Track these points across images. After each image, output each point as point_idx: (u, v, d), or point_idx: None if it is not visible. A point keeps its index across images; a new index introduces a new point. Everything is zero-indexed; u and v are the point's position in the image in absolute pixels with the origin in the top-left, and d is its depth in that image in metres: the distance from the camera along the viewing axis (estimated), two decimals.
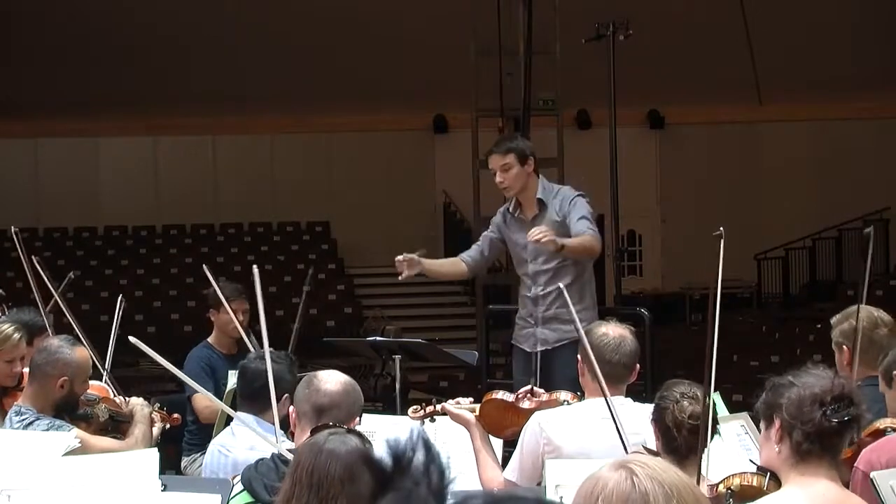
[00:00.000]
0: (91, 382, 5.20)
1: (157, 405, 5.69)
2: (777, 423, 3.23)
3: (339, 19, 16.25)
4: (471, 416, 4.80)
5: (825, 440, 3.19)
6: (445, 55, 14.76)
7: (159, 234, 20.54)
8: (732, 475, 3.69)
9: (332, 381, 4.16)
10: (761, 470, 3.69)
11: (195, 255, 19.65)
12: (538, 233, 6.22)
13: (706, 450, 3.95)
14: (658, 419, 4.01)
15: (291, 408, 4.27)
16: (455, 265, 7.03)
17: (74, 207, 20.23)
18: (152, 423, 5.26)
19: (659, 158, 21.03)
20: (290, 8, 16.19)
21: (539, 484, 4.31)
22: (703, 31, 16.61)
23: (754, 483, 3.62)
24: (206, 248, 19.93)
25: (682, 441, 3.90)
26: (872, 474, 3.76)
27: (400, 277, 6.62)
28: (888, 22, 16.53)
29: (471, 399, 4.95)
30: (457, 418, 4.81)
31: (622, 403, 4.56)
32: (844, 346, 4.92)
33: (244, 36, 16.54)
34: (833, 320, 5.08)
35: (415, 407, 4.96)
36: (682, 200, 20.71)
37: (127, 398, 5.40)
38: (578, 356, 4.84)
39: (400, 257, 6.59)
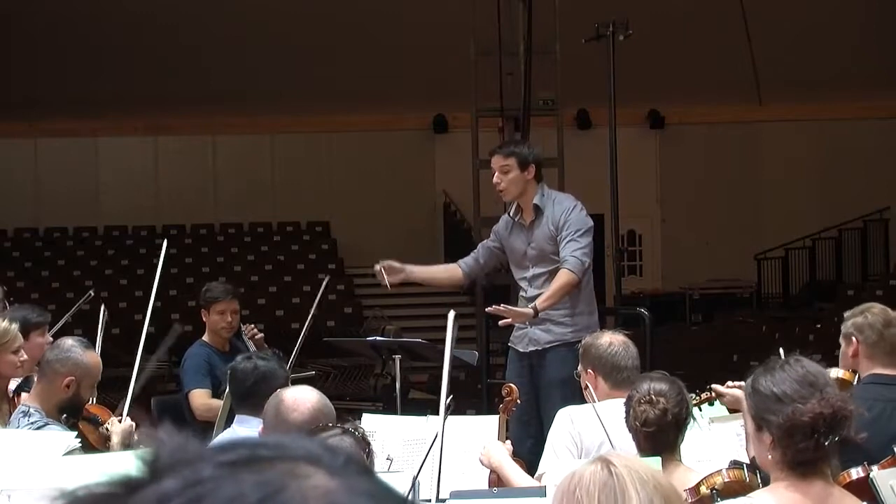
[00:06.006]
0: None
1: None
2: (768, 437, 3.17)
3: (339, 19, 16.26)
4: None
5: (820, 457, 3.14)
6: (445, 55, 14.76)
7: (159, 234, 20.52)
8: (711, 474, 3.70)
9: (299, 409, 4.00)
10: (737, 463, 3.70)
11: (195, 255, 19.65)
12: (506, 319, 6.43)
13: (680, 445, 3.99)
14: (626, 420, 4.05)
15: (260, 426, 4.20)
16: (450, 271, 7.12)
17: (74, 207, 20.22)
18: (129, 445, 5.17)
19: (659, 158, 21.02)
20: (290, 8, 16.20)
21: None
22: (703, 31, 16.62)
23: (736, 477, 3.62)
24: (206, 248, 19.93)
25: (645, 445, 3.92)
26: (872, 474, 3.76)
27: (387, 285, 6.66)
28: (888, 22, 16.54)
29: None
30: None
31: None
32: (854, 338, 4.88)
33: (244, 36, 16.55)
34: (847, 313, 5.06)
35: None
36: (682, 200, 20.70)
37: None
38: (584, 367, 4.90)
39: (378, 266, 6.67)
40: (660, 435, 3.94)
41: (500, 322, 6.52)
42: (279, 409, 4.04)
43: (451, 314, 4.15)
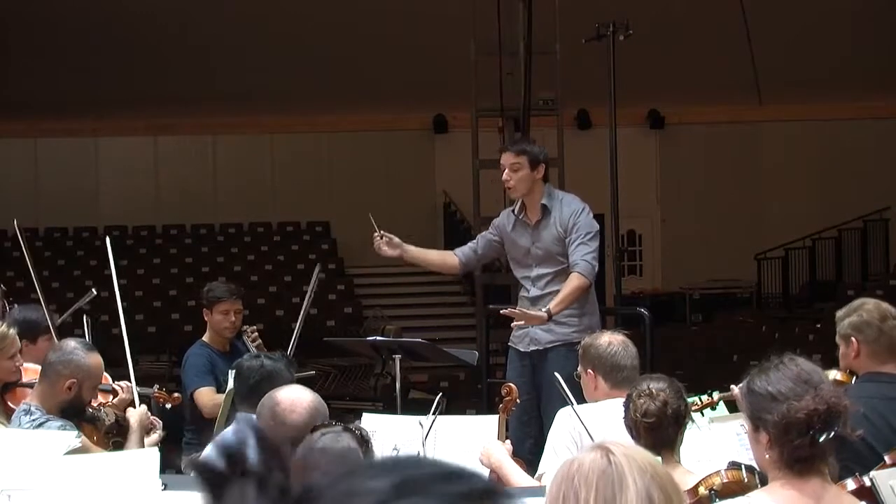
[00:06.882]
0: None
1: (157, 387, 5.74)
2: (765, 436, 3.20)
3: (339, 20, 16.25)
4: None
5: (816, 455, 3.15)
6: (445, 55, 14.76)
7: (159, 234, 20.53)
8: (709, 475, 3.71)
9: (297, 410, 4.02)
10: (735, 464, 3.71)
11: (195, 255, 19.65)
12: (521, 322, 6.43)
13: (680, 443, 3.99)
14: (624, 418, 4.06)
15: None
16: (445, 257, 7.18)
17: (74, 207, 20.22)
18: (148, 430, 5.23)
19: (659, 158, 21.03)
20: (290, 8, 16.19)
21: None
22: (703, 31, 16.61)
23: (734, 478, 3.63)
24: (206, 248, 19.93)
25: (645, 440, 3.93)
26: (872, 474, 3.76)
27: (385, 251, 6.80)
28: (888, 22, 16.53)
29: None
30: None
31: None
32: (853, 339, 4.83)
33: (244, 36, 16.54)
34: (839, 313, 5.01)
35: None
36: (682, 200, 20.71)
37: (120, 386, 5.38)
38: (584, 368, 4.93)
39: (378, 234, 6.81)
40: (659, 429, 3.94)
41: (513, 324, 6.52)
42: (276, 412, 4.04)
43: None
